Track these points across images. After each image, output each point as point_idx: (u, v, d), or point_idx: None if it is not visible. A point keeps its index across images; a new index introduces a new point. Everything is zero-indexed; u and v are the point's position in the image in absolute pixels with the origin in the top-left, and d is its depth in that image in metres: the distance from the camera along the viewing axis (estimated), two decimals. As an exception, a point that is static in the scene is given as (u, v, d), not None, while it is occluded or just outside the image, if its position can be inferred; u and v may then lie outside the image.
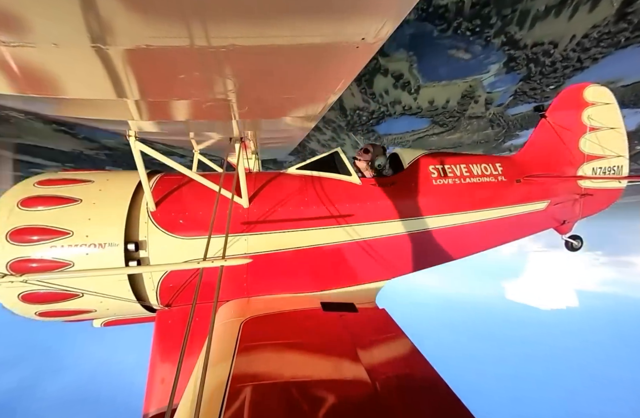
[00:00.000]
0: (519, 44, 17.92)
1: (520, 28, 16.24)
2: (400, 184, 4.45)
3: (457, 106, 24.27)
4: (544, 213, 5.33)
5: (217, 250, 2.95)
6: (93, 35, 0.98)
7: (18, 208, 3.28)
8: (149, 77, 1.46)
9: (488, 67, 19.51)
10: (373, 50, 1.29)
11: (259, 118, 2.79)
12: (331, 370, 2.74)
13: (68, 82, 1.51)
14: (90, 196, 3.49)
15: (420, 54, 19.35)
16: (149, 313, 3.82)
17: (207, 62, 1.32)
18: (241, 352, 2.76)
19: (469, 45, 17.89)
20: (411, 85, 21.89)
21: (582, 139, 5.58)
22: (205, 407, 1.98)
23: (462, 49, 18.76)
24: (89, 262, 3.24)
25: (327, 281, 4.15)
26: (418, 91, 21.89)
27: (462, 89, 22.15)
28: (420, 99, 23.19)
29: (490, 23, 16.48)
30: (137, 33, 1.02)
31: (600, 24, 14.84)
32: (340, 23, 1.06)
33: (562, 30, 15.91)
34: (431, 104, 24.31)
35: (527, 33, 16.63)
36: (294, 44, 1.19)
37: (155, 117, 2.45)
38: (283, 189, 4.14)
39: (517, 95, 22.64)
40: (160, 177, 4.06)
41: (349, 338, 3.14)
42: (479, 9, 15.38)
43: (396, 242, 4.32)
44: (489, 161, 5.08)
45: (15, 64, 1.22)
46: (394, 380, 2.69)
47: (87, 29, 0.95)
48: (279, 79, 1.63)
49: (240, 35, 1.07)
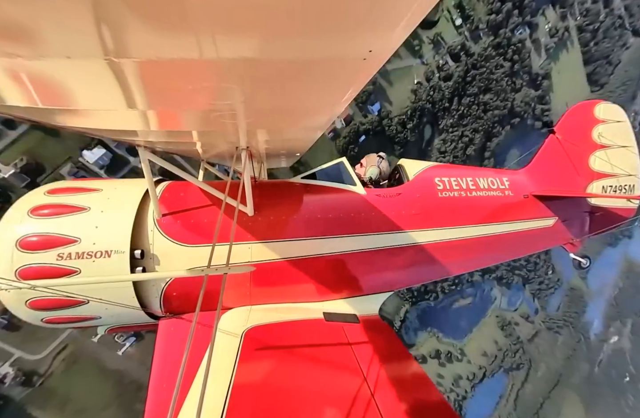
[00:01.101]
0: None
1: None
2: (405, 195, 4.43)
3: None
4: (551, 230, 5.23)
5: (221, 258, 2.93)
6: (105, 48, 1.00)
7: (28, 216, 3.33)
8: (158, 88, 1.49)
9: (492, 298, 20.38)
10: (381, 61, 1.30)
11: (265, 128, 2.82)
12: (332, 381, 2.70)
13: (79, 93, 1.55)
14: (98, 204, 3.53)
15: (437, 324, 20.57)
16: (153, 320, 3.80)
17: (216, 74, 1.34)
18: (243, 361, 2.73)
19: (462, 293, 19.09)
20: (452, 353, 23.26)
21: (591, 156, 5.51)
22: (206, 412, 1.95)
23: (459, 298, 20.00)
24: (96, 269, 3.26)
25: (330, 291, 4.11)
26: (462, 352, 22.81)
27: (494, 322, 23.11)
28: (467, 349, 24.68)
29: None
30: (148, 46, 1.04)
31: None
32: (347, 37, 1.07)
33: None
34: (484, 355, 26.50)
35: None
36: (302, 57, 1.20)
37: (164, 127, 2.49)
38: (288, 198, 4.14)
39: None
40: (167, 185, 4.10)
41: (350, 350, 3.09)
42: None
43: (399, 254, 4.27)
44: (496, 175, 5.05)
45: (28, 77, 1.25)
46: (393, 393, 2.62)
47: (100, 42, 0.97)
48: (285, 91, 1.65)
49: (249, 49, 1.09)
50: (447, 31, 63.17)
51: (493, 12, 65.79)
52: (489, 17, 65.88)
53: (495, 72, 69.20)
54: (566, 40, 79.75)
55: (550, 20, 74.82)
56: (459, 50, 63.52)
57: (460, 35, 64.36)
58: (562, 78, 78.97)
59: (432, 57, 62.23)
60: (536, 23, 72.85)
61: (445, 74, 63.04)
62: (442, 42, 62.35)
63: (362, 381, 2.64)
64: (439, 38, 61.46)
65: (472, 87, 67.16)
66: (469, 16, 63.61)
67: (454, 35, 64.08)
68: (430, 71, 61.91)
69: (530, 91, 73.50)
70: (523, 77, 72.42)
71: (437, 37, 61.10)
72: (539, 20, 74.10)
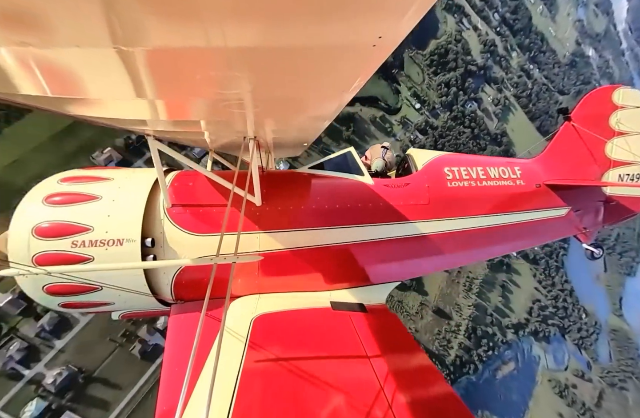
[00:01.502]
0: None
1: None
2: (413, 185, 4.39)
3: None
4: (564, 220, 5.12)
5: (229, 247, 2.98)
6: (114, 37, 1.00)
7: (43, 204, 3.41)
8: (167, 77, 1.48)
9: (535, 358, 19.10)
10: (391, 48, 1.27)
11: (273, 117, 2.80)
12: (339, 368, 2.75)
13: (89, 83, 1.56)
14: (110, 194, 3.59)
15: (487, 403, 19.25)
16: (164, 307, 3.91)
17: (223, 62, 1.33)
18: (252, 347, 2.80)
19: (501, 357, 18.19)
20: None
21: (608, 144, 5.31)
22: (217, 397, 2.02)
23: (501, 365, 18.91)
24: (108, 257, 3.35)
25: (337, 281, 4.15)
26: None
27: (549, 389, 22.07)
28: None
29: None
30: (156, 34, 1.04)
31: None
32: (356, 22, 1.05)
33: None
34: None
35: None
36: (310, 44, 1.18)
37: (172, 117, 2.49)
38: (295, 188, 4.15)
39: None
40: (176, 175, 4.14)
41: (357, 338, 3.14)
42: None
43: (407, 244, 4.27)
44: (507, 164, 4.93)
45: (39, 66, 1.26)
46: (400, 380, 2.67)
47: (108, 31, 0.97)
48: (294, 79, 1.63)
49: (255, 37, 1.08)
50: (410, 114, 77.30)
51: (443, 95, 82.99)
52: (440, 99, 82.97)
53: (459, 137, 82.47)
54: (509, 106, 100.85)
55: (490, 94, 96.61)
56: (424, 126, 77.86)
57: (422, 115, 79.78)
58: (517, 134, 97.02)
59: (403, 134, 75.24)
60: (480, 98, 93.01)
61: (418, 146, 73.00)
62: (408, 122, 76.36)
63: (369, 368, 2.69)
64: (406, 119, 75.53)
65: (456, 143, 77.57)
66: (424, 100, 79.92)
67: (417, 116, 78.74)
68: (405, 145, 71.64)
69: (495, 147, 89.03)
70: (485, 138, 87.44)
71: (403, 119, 75.19)
72: (482, 96, 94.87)
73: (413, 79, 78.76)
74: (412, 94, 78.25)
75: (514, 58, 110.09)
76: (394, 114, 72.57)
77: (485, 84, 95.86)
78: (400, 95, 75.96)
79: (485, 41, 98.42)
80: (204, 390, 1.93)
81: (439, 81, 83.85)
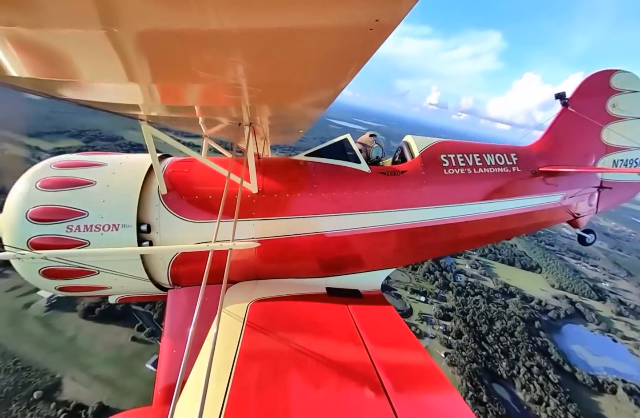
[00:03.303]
0: None
1: None
2: (410, 173, 4.40)
3: None
4: (558, 206, 5.20)
5: (226, 234, 3.00)
6: (103, 18, 0.98)
7: (36, 188, 3.39)
8: (159, 60, 1.45)
9: None
10: (388, 33, 1.24)
11: (268, 103, 2.76)
12: (334, 351, 2.83)
13: (80, 65, 1.52)
14: (104, 179, 3.57)
15: None
16: (161, 292, 3.97)
17: (217, 46, 1.31)
18: (248, 331, 2.86)
19: None
20: None
21: (605, 129, 5.32)
22: (214, 379, 2.09)
23: None
24: (104, 242, 3.37)
25: (333, 267, 4.21)
26: None
27: None
28: None
29: None
30: (146, 15, 1.01)
31: None
32: (352, 4, 1.03)
33: None
34: None
35: None
36: (304, 27, 1.16)
37: (166, 102, 2.45)
38: (292, 175, 4.14)
39: None
40: (171, 161, 4.11)
41: (352, 323, 3.22)
42: None
43: (403, 231, 4.32)
44: (504, 150, 4.94)
45: (28, 47, 1.23)
46: (394, 362, 2.77)
47: (97, 12, 0.94)
48: (289, 63, 1.60)
49: (251, 18, 1.05)
50: (423, 308, 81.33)
51: (434, 280, 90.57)
52: (434, 284, 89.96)
53: (478, 306, 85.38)
54: (485, 264, 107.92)
55: (466, 263, 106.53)
56: (442, 313, 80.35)
57: (432, 304, 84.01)
58: (516, 279, 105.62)
59: (432, 329, 76.26)
60: (460, 269, 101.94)
61: (456, 333, 74.41)
62: (428, 316, 79.67)
63: (364, 352, 2.78)
64: (423, 315, 78.80)
65: (480, 327, 78.17)
66: (424, 292, 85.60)
67: (429, 307, 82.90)
68: (443, 339, 72.60)
69: (510, 298, 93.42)
70: (496, 296, 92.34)
71: (422, 316, 78.23)
72: (460, 267, 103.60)
73: (402, 281, 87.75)
74: (411, 291, 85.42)
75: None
76: (409, 316, 77.09)
77: (454, 259, 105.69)
78: (402, 298, 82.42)
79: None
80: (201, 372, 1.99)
81: (422, 272, 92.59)
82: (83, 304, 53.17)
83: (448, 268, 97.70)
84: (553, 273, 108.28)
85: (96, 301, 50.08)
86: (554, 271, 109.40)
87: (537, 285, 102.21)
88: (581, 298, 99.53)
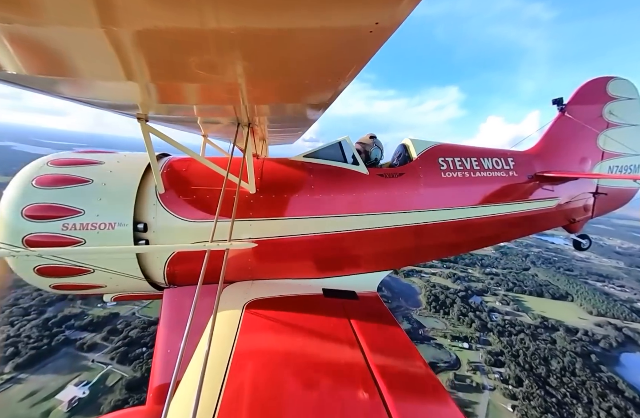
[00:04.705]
0: None
1: None
2: (407, 175, 4.41)
3: None
4: (554, 211, 5.23)
5: (223, 234, 2.99)
6: (102, 17, 0.97)
7: (32, 185, 3.37)
8: (158, 59, 1.45)
9: None
10: (387, 35, 1.25)
11: (267, 103, 2.76)
12: (330, 353, 2.82)
13: (78, 63, 1.51)
14: (101, 177, 3.55)
15: None
16: (157, 291, 3.95)
17: (217, 45, 1.31)
18: (244, 331, 2.85)
19: None
20: None
21: (601, 135, 5.37)
22: (208, 380, 2.08)
23: None
24: (100, 240, 3.35)
25: (329, 269, 4.21)
26: None
27: None
28: None
29: None
30: (146, 14, 1.01)
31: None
32: (353, 7, 1.03)
33: None
34: None
35: None
36: (304, 28, 1.16)
37: (164, 101, 2.45)
38: (290, 176, 4.14)
39: None
40: (169, 160, 4.09)
41: (348, 325, 3.21)
42: None
43: (400, 233, 4.32)
44: (501, 155, 4.98)
45: (27, 44, 1.22)
46: (389, 364, 2.77)
47: (96, 10, 0.94)
48: (288, 64, 1.60)
49: (250, 18, 1.06)
50: (469, 355, 72.17)
51: (470, 323, 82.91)
52: (472, 327, 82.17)
53: (526, 345, 76.89)
54: (515, 298, 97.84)
55: (495, 300, 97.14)
56: (492, 358, 72.34)
57: (478, 351, 75.40)
58: (551, 311, 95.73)
59: (487, 379, 67.23)
60: (492, 308, 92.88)
61: (515, 380, 65.73)
62: (477, 364, 71.25)
63: (359, 354, 2.77)
64: (472, 364, 69.94)
65: (538, 369, 69.61)
66: (465, 337, 77.51)
67: (475, 354, 73.76)
68: (504, 389, 64.57)
69: (554, 332, 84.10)
70: (538, 331, 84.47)
71: (471, 365, 69.27)
72: (491, 305, 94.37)
73: (438, 328, 79.37)
74: (451, 339, 77.04)
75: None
76: (458, 368, 68.93)
77: (482, 297, 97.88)
78: (445, 347, 74.40)
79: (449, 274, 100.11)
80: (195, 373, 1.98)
81: (456, 315, 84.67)
82: (109, 403, 39.86)
83: (480, 308, 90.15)
84: (585, 299, 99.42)
85: (122, 398, 38.73)
86: (585, 297, 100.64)
87: (575, 313, 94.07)
88: (625, 323, 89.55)
